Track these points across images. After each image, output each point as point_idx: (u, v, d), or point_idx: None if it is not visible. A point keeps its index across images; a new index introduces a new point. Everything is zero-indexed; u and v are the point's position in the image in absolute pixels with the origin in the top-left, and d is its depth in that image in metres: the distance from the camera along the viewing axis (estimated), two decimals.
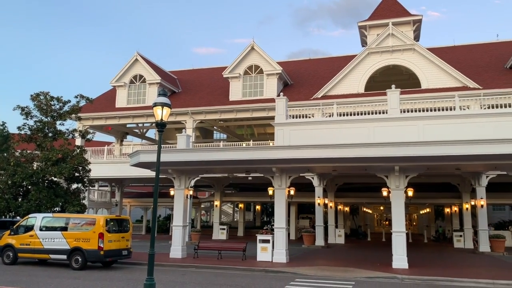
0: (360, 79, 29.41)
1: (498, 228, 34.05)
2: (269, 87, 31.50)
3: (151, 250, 10.66)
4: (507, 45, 31.77)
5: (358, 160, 17.10)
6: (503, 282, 14.40)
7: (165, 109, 10.83)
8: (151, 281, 10.30)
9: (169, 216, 46.63)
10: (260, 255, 19.52)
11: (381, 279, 15.26)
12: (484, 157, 15.85)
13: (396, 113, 19.88)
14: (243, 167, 20.21)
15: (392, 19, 30.10)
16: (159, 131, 11.07)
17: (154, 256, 10.68)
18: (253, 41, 32.20)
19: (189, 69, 41.64)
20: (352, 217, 46.60)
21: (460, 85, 27.05)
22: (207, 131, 41.96)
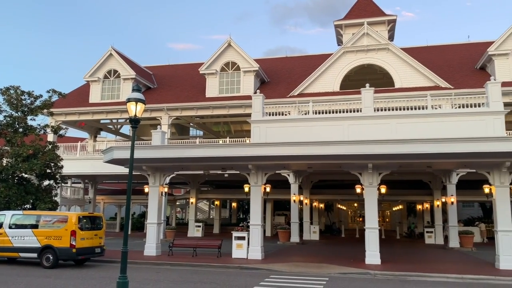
0: (336, 77, 29.72)
1: (467, 224, 35.08)
2: (246, 84, 31.48)
3: (124, 248, 10.53)
4: (478, 46, 32.63)
5: (333, 157, 17.30)
6: (470, 276, 14.86)
7: (139, 105, 10.69)
8: (124, 279, 10.17)
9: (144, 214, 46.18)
10: (236, 252, 19.54)
11: (354, 274, 15.51)
12: (454, 155, 16.28)
13: (370, 111, 20.19)
14: (219, 164, 20.16)
15: (367, 19, 30.50)
16: (132, 127, 10.93)
17: (127, 254, 10.54)
18: (230, 38, 32.11)
19: (165, 64, 41.18)
20: (326, 214, 47.15)
21: (433, 84, 27.66)
22: (183, 128, 41.63)
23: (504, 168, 16.91)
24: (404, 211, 44.70)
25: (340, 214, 51.20)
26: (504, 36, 27.67)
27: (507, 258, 16.84)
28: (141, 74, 34.92)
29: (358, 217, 49.79)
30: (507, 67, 27.46)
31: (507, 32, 27.69)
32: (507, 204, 17.27)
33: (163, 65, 40.93)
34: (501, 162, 16.73)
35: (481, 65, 29.50)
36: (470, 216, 44.37)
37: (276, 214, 41.29)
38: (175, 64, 41.47)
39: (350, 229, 45.11)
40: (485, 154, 15.84)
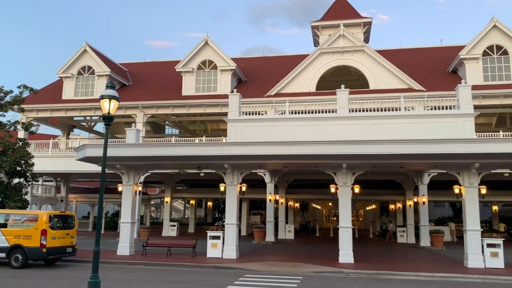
0: (312, 78, 29.97)
1: (438, 223, 35.97)
2: (222, 83, 31.39)
3: (96, 247, 10.35)
4: (450, 50, 33.43)
5: (308, 157, 17.46)
6: (440, 275, 15.24)
7: (113, 102, 10.53)
8: (95, 278, 10.00)
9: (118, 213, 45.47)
10: (210, 252, 19.47)
11: (328, 273, 15.69)
12: (425, 156, 16.67)
13: (345, 112, 20.40)
14: (195, 163, 20.05)
15: (344, 21, 30.87)
16: (106, 124, 10.76)
17: (99, 253, 10.37)
18: (207, 36, 31.96)
19: (141, 61, 40.64)
20: (302, 213, 47.50)
21: (406, 86, 28.22)
22: (159, 126, 41.20)
23: (473, 169, 17.41)
24: (377, 210, 45.46)
25: (315, 214, 51.66)
26: (475, 41, 28.46)
27: (475, 256, 17.34)
28: (116, 71, 34.39)
29: (333, 217, 50.35)
30: (478, 71, 28.26)
31: (477, 37, 28.50)
32: (475, 204, 17.78)
33: (139, 62, 40.40)
34: (470, 163, 17.21)
35: (453, 68, 30.27)
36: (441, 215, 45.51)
37: (252, 213, 41.38)
38: (151, 61, 40.99)
39: (325, 228, 45.57)
40: (455, 155, 16.28)
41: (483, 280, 14.73)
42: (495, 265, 17.11)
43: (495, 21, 28.41)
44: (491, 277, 14.99)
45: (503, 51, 28.18)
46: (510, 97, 27.10)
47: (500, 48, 28.28)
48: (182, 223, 39.40)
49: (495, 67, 28.24)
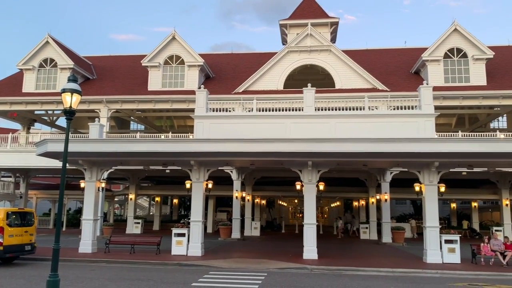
0: (280, 76, 30.15)
1: (399, 220, 36.98)
2: (190, 78, 31.11)
3: (55, 245, 10.06)
4: (413, 52, 34.36)
5: (275, 154, 17.58)
6: (400, 270, 15.71)
7: (75, 96, 10.24)
8: (54, 277, 9.72)
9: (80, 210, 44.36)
10: (175, 249, 19.31)
11: (292, 269, 15.87)
12: (387, 155, 17.11)
13: (311, 110, 20.65)
14: (160, 159, 19.81)
15: (311, 20, 31.17)
16: (67, 119, 10.45)
17: (59, 251, 10.09)
18: (175, 31, 31.57)
19: (106, 55, 39.66)
20: (268, 210, 47.79)
21: (371, 86, 28.84)
22: (123, 121, 40.39)
23: (433, 168, 18.00)
24: (342, 207, 46.33)
25: (281, 210, 52.10)
26: (437, 43, 29.38)
27: (433, 252, 17.96)
28: (80, 64, 33.45)
29: (298, 213, 50.93)
30: (439, 73, 29.21)
31: (439, 40, 29.43)
32: (435, 202, 18.41)
33: (104, 56, 39.43)
34: (430, 162, 17.78)
35: (416, 69, 31.16)
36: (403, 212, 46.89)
37: (218, 211, 41.27)
38: (116, 55, 40.07)
39: (291, 225, 46.04)
40: (416, 154, 16.78)
41: (440, 275, 15.28)
42: (452, 260, 17.78)
43: (456, 25, 29.42)
44: (448, 272, 15.58)
45: (463, 54, 29.23)
46: (469, 99, 28.16)
47: (460, 51, 29.31)
48: (147, 220, 38.88)
49: (455, 69, 29.26)
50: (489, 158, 17.36)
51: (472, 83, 28.70)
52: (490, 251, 17.97)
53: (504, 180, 31.45)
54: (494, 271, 15.81)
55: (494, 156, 16.85)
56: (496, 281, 14.29)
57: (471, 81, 28.81)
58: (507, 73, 30.17)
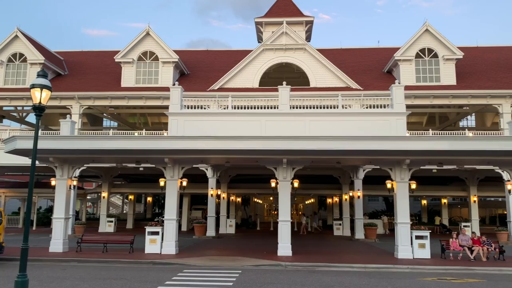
0: (255, 74, 30.20)
1: (372, 217, 37.70)
2: (164, 75, 30.81)
3: (24, 244, 9.80)
4: (386, 51, 34.98)
5: (250, 152, 17.61)
6: (372, 266, 16.00)
7: (45, 92, 9.98)
8: (23, 277, 9.47)
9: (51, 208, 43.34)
10: (149, 247, 19.12)
11: (266, 266, 15.96)
12: (360, 152, 17.38)
13: (286, 108, 20.78)
14: (134, 157, 19.54)
15: (286, 18, 31.32)
16: (37, 115, 10.18)
17: (27, 250, 9.83)
18: (149, 27, 31.19)
19: (78, 50, 38.82)
20: (243, 208, 47.86)
21: (344, 85, 29.22)
22: (96, 118, 39.67)
23: (404, 165, 18.39)
24: (316, 204, 46.81)
25: (256, 208, 52.24)
26: (409, 43, 30.00)
27: (404, 248, 18.36)
28: (50, 59, 32.64)
29: (274, 211, 51.19)
30: (411, 72, 29.85)
31: (411, 40, 30.06)
32: (406, 199, 18.82)
33: (76, 51, 38.60)
34: (401, 160, 18.16)
35: (388, 69, 31.74)
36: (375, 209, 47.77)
37: (193, 209, 41.07)
38: (89, 50, 39.30)
39: (266, 222, 46.23)
40: (388, 152, 17.12)
41: (411, 270, 15.64)
42: (422, 256, 18.23)
43: (427, 26, 30.10)
44: (418, 267, 15.96)
45: (434, 54, 29.95)
46: (439, 98, 28.89)
47: (431, 51, 30.02)
48: (120, 218, 38.37)
49: (427, 69, 29.96)
50: (458, 156, 17.85)
51: (442, 83, 29.46)
52: (458, 246, 18.50)
53: (472, 177, 32.44)
54: (462, 265, 16.28)
55: (463, 154, 17.34)
56: (464, 275, 14.74)
57: (441, 81, 29.56)
58: (475, 74, 31.09)
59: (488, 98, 28.50)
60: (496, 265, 16.34)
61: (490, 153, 17.13)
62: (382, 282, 13.06)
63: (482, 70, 31.81)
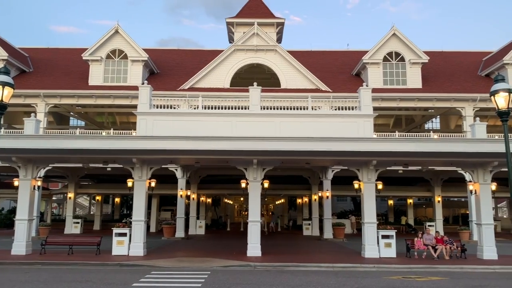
0: (226, 74, 30.16)
1: (340, 217, 38.27)
2: (133, 74, 30.35)
3: None
4: (355, 54, 35.61)
5: (220, 152, 17.56)
6: (340, 265, 16.26)
7: (7, 89, 9.67)
8: None
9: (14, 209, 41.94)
10: (116, 249, 18.79)
11: (236, 267, 15.96)
12: (329, 153, 17.62)
13: (257, 109, 20.85)
14: (101, 157, 19.17)
15: (258, 19, 31.44)
16: None
17: None
18: (118, 24, 30.65)
19: (44, 47, 37.73)
20: (214, 208, 47.70)
21: (314, 87, 29.58)
22: (63, 117, 38.64)
23: (371, 166, 18.78)
24: (286, 204, 47.16)
25: (227, 208, 52.16)
26: (377, 47, 30.66)
27: (371, 247, 18.74)
28: (14, 55, 31.58)
29: (244, 211, 51.25)
30: (378, 75, 30.51)
31: (379, 44, 30.73)
32: (372, 199, 19.22)
33: (42, 48, 37.49)
34: (369, 161, 18.54)
35: (357, 71, 32.34)
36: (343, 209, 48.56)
37: (162, 210, 40.62)
38: (56, 47, 38.25)
39: (236, 222, 46.24)
40: (356, 153, 17.43)
41: (377, 269, 15.99)
42: (388, 255, 18.65)
43: (395, 30, 30.85)
44: (384, 266, 16.33)
45: (401, 58, 30.71)
46: (406, 101, 29.64)
47: (398, 55, 30.78)
48: (87, 220, 37.55)
49: (394, 72, 30.70)
50: (423, 157, 18.38)
51: (408, 86, 30.25)
52: (423, 245, 19.03)
53: (437, 178, 33.44)
54: (426, 264, 16.77)
55: (427, 155, 17.86)
56: (428, 273, 15.18)
57: (408, 84, 30.35)
58: (440, 77, 32.09)
59: (452, 102, 29.45)
60: (458, 263, 16.91)
61: (453, 155, 17.70)
62: (349, 281, 13.29)
63: (446, 74, 32.86)
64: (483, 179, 18.97)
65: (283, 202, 47.44)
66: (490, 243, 18.59)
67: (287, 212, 46.73)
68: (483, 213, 18.87)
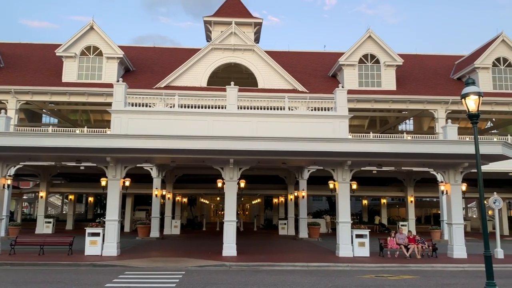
0: (204, 73, 30.02)
1: (315, 216, 38.61)
2: (108, 71, 29.88)
3: None
4: (332, 56, 35.99)
5: (196, 152, 17.46)
6: (314, 264, 16.40)
7: None
8: None
9: None
10: (89, 249, 18.46)
11: (211, 267, 15.91)
12: (305, 153, 17.75)
13: (234, 109, 20.85)
14: (74, 155, 18.75)
15: (236, 19, 31.41)
16: None
17: None
18: (93, 20, 30.11)
19: (16, 42, 36.77)
20: (189, 208, 47.39)
21: (291, 87, 29.75)
22: (35, 114, 37.70)
23: (346, 166, 19.00)
24: (262, 204, 47.30)
25: (203, 208, 51.94)
26: (353, 49, 31.07)
27: (345, 246, 18.97)
28: None
29: (220, 211, 51.14)
30: (354, 77, 30.93)
31: (355, 46, 31.15)
32: (347, 198, 19.46)
33: (14, 43, 36.55)
34: (344, 161, 18.76)
35: (333, 73, 32.70)
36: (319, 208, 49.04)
37: (137, 209, 40.12)
38: (28, 42, 37.35)
39: (212, 222, 46.09)
40: (331, 153, 17.62)
41: (351, 268, 16.20)
42: (362, 254, 18.91)
43: (370, 33, 31.33)
44: (358, 265, 16.55)
45: (376, 60, 31.21)
46: (380, 102, 30.16)
47: (373, 57, 31.27)
48: (59, 219, 36.77)
49: (369, 74, 31.18)
50: (397, 158, 18.73)
51: (383, 88, 30.77)
52: (395, 244, 19.38)
53: (410, 178, 34.13)
54: (398, 263, 17.09)
55: (401, 156, 18.21)
56: (400, 272, 15.47)
57: (382, 86, 30.87)
58: (414, 80, 32.77)
59: (425, 104, 30.11)
60: (429, 262, 17.29)
61: (426, 156, 18.09)
62: (324, 280, 13.42)
63: (420, 77, 33.59)
64: (454, 179, 19.46)
65: (259, 201, 47.56)
66: (460, 242, 19.09)
67: (263, 211, 46.84)
68: (453, 213, 19.36)
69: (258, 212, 47.76)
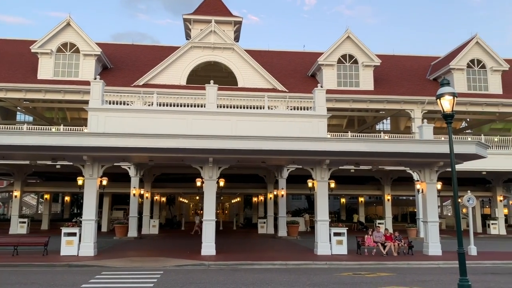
0: (183, 71, 29.80)
1: (294, 215, 38.83)
2: (85, 68, 29.35)
3: None
4: (311, 56, 36.17)
5: (175, 150, 17.34)
6: (293, 262, 16.50)
7: None
8: None
9: None
10: (65, 249, 18.15)
11: (189, 266, 15.84)
12: (284, 152, 17.82)
13: (213, 107, 20.80)
14: (49, 154, 18.43)
15: (215, 17, 31.28)
16: None
17: None
18: (70, 17, 29.55)
19: None
20: (168, 207, 47.04)
21: (271, 87, 29.81)
22: (9, 112, 36.80)
23: (324, 165, 19.18)
24: (242, 203, 47.31)
25: (181, 207, 51.61)
26: (331, 49, 31.33)
27: (323, 244, 19.16)
28: None
29: (199, 210, 50.90)
30: (333, 77, 31.19)
31: (333, 46, 31.41)
32: (325, 197, 19.64)
33: None
34: (322, 160, 18.93)
35: (312, 72, 32.91)
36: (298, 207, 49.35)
37: (114, 209, 39.63)
38: (2, 38, 36.33)
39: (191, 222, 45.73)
40: (310, 152, 17.75)
41: (329, 266, 16.36)
42: (340, 252, 19.14)
43: (349, 33, 31.64)
44: (336, 263, 16.74)
45: (354, 60, 31.55)
46: (358, 102, 30.50)
47: (352, 57, 31.59)
48: (34, 219, 36.00)
49: (347, 74, 31.50)
50: (374, 157, 18.99)
51: (361, 88, 31.13)
52: (373, 242, 19.66)
53: (387, 177, 34.67)
54: (375, 260, 17.34)
55: (378, 155, 18.47)
56: (377, 269, 15.71)
57: (360, 86, 31.22)
58: (391, 80, 33.27)
59: (402, 104, 30.60)
60: (405, 259, 17.61)
61: (402, 155, 18.42)
62: (302, 278, 13.52)
63: (397, 77, 34.12)
64: (430, 178, 19.85)
65: (239, 200, 47.55)
66: (435, 239, 19.51)
67: (243, 210, 46.85)
68: (429, 211, 19.75)
69: (237, 211, 47.74)
